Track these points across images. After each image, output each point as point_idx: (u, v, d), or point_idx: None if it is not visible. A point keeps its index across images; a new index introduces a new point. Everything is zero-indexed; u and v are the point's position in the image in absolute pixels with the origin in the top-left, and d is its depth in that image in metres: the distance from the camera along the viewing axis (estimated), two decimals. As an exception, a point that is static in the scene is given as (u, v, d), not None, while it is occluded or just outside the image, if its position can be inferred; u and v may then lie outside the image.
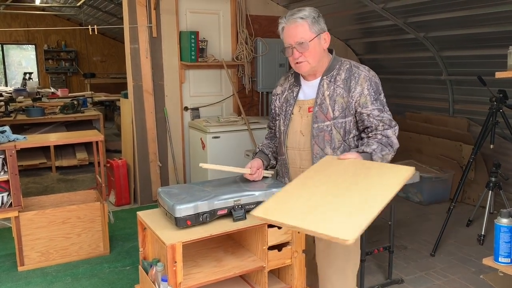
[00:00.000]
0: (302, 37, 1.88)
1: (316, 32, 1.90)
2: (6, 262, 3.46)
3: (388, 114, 1.94)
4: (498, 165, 3.74)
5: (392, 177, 1.61)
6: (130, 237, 3.93)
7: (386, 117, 1.93)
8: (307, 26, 1.88)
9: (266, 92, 5.39)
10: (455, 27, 4.20)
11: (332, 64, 1.98)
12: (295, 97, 2.06)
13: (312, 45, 1.90)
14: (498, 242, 2.00)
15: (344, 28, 5.53)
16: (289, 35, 1.92)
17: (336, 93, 1.93)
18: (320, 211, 1.40)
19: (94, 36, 12.03)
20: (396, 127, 1.96)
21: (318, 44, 1.92)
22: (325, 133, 1.94)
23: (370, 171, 1.68)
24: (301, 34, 1.88)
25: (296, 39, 1.89)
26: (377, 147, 1.89)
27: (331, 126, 1.93)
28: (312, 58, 1.92)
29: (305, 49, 1.89)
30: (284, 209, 1.47)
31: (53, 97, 8.57)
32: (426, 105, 5.43)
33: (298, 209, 1.45)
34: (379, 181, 1.58)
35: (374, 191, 1.50)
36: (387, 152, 1.92)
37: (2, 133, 3.20)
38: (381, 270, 3.31)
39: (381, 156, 1.89)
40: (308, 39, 1.89)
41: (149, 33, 4.65)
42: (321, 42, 1.93)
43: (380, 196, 1.45)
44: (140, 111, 4.75)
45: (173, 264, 1.73)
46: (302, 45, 1.88)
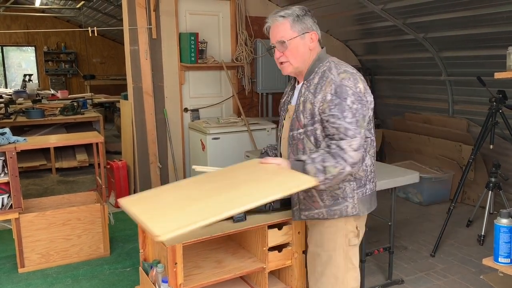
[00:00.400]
0: (282, 36, 1.81)
1: (299, 31, 1.81)
2: (6, 264, 3.46)
3: (347, 123, 1.70)
4: (498, 165, 3.74)
5: (280, 185, 1.58)
6: (130, 238, 3.93)
7: (342, 126, 1.70)
8: (288, 24, 1.80)
9: (266, 93, 5.40)
10: (454, 28, 4.21)
11: (312, 67, 1.85)
12: (288, 102, 1.99)
13: (293, 45, 1.81)
14: (498, 242, 2.00)
15: (344, 29, 5.54)
16: (272, 35, 1.85)
17: (306, 100, 1.81)
18: (166, 209, 1.52)
19: (94, 37, 12.06)
20: (355, 139, 1.70)
21: (302, 44, 1.82)
22: (298, 141, 1.85)
23: (271, 177, 1.65)
24: (281, 33, 1.81)
25: (276, 38, 1.82)
26: (318, 157, 1.70)
27: (303, 134, 1.82)
28: (294, 58, 1.83)
29: (284, 48, 1.81)
30: (143, 203, 1.60)
31: (53, 99, 8.58)
32: (425, 106, 5.44)
33: (153, 204, 1.57)
34: (263, 188, 1.59)
35: (245, 197, 1.51)
36: (332, 164, 1.68)
37: (2, 135, 3.20)
38: (381, 271, 3.31)
39: (320, 168, 1.68)
40: (288, 38, 1.80)
41: (149, 34, 4.65)
42: (306, 41, 1.83)
43: (240, 203, 1.46)
44: (140, 113, 4.76)
45: (174, 265, 1.74)
46: (282, 44, 1.81)
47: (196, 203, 1.52)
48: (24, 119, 6.13)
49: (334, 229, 1.87)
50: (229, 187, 1.64)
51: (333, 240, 1.87)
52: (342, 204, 1.83)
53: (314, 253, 1.93)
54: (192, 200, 1.56)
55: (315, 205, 1.86)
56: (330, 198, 1.83)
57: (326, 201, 1.83)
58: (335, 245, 1.88)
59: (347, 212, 1.84)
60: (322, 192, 1.83)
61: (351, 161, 1.69)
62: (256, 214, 1.99)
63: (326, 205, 1.84)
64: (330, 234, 1.88)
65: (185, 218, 1.39)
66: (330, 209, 1.84)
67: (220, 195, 1.55)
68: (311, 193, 1.86)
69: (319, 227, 1.91)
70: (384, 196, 3.09)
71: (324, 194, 1.83)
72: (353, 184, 1.83)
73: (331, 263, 1.88)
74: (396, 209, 3.12)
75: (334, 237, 1.87)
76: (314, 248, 1.93)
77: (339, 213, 1.84)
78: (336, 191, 1.83)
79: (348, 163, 1.69)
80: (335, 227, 1.87)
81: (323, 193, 1.83)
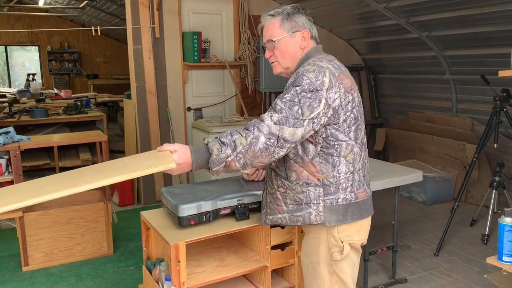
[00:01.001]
0: (271, 35, 1.75)
1: (288, 29, 1.74)
2: (10, 262, 3.48)
3: (282, 102, 1.59)
4: (502, 164, 3.73)
5: (139, 166, 1.51)
6: (133, 237, 3.94)
7: (276, 102, 1.61)
8: (278, 23, 1.74)
9: (269, 92, 5.40)
10: (458, 26, 4.19)
11: (297, 67, 1.75)
12: None
13: (282, 44, 1.74)
14: (502, 241, 1.99)
15: (347, 27, 5.53)
16: (263, 34, 1.81)
17: None
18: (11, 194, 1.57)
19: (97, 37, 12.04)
20: (282, 114, 1.57)
21: (292, 43, 1.75)
22: None
23: (139, 163, 1.59)
24: (270, 32, 1.76)
25: (267, 37, 1.77)
26: (226, 133, 1.60)
27: None
28: (282, 58, 1.76)
29: (273, 47, 1.75)
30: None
31: (56, 98, 8.59)
32: (429, 105, 5.42)
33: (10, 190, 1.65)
34: (112, 171, 1.53)
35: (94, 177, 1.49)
36: (243, 135, 1.55)
37: (6, 134, 3.21)
38: (385, 270, 3.31)
39: (227, 142, 1.56)
40: (277, 36, 1.74)
41: (152, 33, 4.66)
42: (296, 40, 1.75)
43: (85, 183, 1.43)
44: (143, 112, 4.77)
45: (177, 263, 1.74)
46: (271, 43, 1.76)
47: (47, 186, 1.55)
48: (27, 118, 6.14)
49: (317, 241, 1.76)
50: (91, 174, 1.61)
51: (317, 252, 1.77)
52: (305, 210, 1.70)
53: (303, 262, 1.87)
54: (48, 185, 1.59)
55: (279, 209, 1.77)
56: (293, 203, 1.72)
57: (290, 206, 1.73)
58: (319, 258, 1.77)
59: (310, 220, 1.70)
60: (285, 195, 1.74)
61: (266, 130, 1.55)
62: (259, 212, 1.99)
63: (289, 209, 1.74)
64: (313, 245, 1.78)
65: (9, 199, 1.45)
66: (292, 214, 1.73)
67: (66, 181, 1.56)
68: (276, 196, 1.77)
69: (306, 236, 1.84)
70: (388, 195, 3.09)
71: (288, 197, 1.73)
72: (319, 189, 1.69)
73: (316, 275, 1.79)
74: (399, 208, 3.11)
75: (317, 249, 1.77)
76: (303, 257, 1.87)
77: (301, 220, 1.72)
78: (299, 195, 1.71)
79: (262, 132, 1.55)
80: (317, 238, 1.76)
81: (286, 196, 1.74)
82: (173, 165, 1.47)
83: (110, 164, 1.74)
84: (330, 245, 1.74)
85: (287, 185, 1.72)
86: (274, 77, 5.24)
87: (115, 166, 1.64)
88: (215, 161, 1.55)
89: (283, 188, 1.74)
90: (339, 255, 1.74)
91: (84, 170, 1.71)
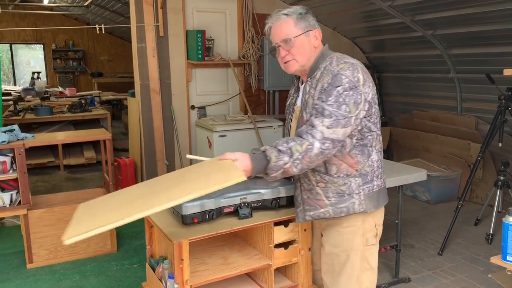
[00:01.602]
0: (287, 34, 1.79)
1: (303, 28, 1.80)
2: (15, 260, 3.50)
3: (327, 104, 1.67)
4: (507, 163, 3.71)
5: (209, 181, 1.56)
6: (137, 235, 3.95)
7: (321, 106, 1.68)
8: (292, 22, 1.79)
9: (273, 90, 5.39)
10: (463, 25, 4.17)
11: (316, 64, 1.82)
12: (294, 104, 1.98)
13: (299, 42, 1.79)
14: (506, 241, 1.98)
15: (351, 26, 5.51)
16: (274, 34, 1.83)
17: (310, 95, 1.79)
18: (91, 214, 1.63)
19: (102, 35, 12.09)
20: (332, 118, 1.64)
21: (307, 41, 1.81)
22: None
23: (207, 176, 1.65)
24: (285, 31, 1.79)
25: (281, 37, 1.80)
26: (280, 141, 1.67)
27: None
28: (300, 55, 1.81)
29: (290, 46, 1.79)
30: (85, 209, 1.72)
31: (61, 96, 8.62)
32: (434, 104, 5.40)
33: (88, 209, 1.69)
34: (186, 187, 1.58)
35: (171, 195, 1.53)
36: (298, 143, 1.63)
37: (11, 132, 3.23)
38: (388, 269, 3.30)
39: (283, 150, 1.63)
40: (293, 35, 1.79)
41: (156, 32, 4.66)
42: (310, 39, 1.82)
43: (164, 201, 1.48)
44: (147, 110, 4.77)
45: (180, 261, 1.74)
46: (288, 42, 1.79)
47: (123, 206, 1.60)
48: (32, 116, 6.17)
49: (352, 229, 1.84)
50: (162, 189, 1.66)
51: (351, 240, 1.85)
52: (349, 201, 1.78)
53: (332, 253, 1.90)
54: (126, 203, 1.63)
55: (320, 203, 1.82)
56: (335, 195, 1.79)
57: (332, 199, 1.79)
58: (353, 245, 1.85)
59: (354, 210, 1.79)
60: (326, 189, 1.80)
61: (319, 136, 1.63)
62: (262, 210, 1.99)
63: (332, 203, 1.80)
64: (348, 234, 1.85)
65: (92, 223, 1.47)
66: (336, 207, 1.80)
67: (142, 199, 1.61)
68: (315, 192, 1.82)
69: (336, 227, 1.88)
70: (392, 194, 3.06)
71: (330, 191, 1.79)
72: (359, 179, 1.79)
73: (348, 263, 1.86)
74: (403, 207, 3.10)
75: (352, 237, 1.85)
76: (331, 248, 1.90)
77: (346, 211, 1.79)
78: (341, 187, 1.78)
79: (316, 138, 1.62)
80: (353, 226, 1.84)
81: (328, 190, 1.80)
82: (243, 178, 1.53)
83: (181, 174, 1.82)
84: (365, 231, 1.86)
85: (328, 179, 1.79)
86: (278, 76, 5.23)
87: (187, 178, 1.72)
88: (273, 168, 1.63)
89: (323, 183, 1.80)
90: (374, 239, 1.89)
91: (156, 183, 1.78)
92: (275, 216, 1.97)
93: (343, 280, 1.88)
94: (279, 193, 2.00)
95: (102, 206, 1.69)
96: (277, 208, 2.03)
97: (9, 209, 3.24)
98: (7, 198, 3.22)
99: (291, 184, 2.02)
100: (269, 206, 1.99)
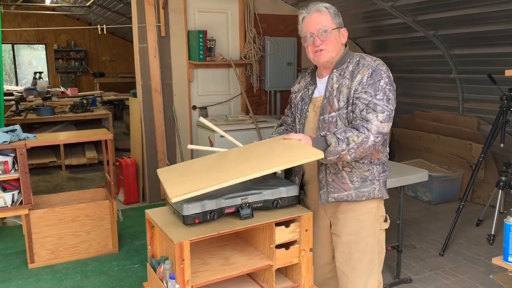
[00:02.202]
0: (325, 25, 1.91)
1: (337, 24, 1.95)
2: (16, 260, 3.50)
3: (377, 99, 1.82)
4: (508, 164, 3.70)
5: (286, 157, 1.69)
6: (138, 235, 3.95)
7: (372, 101, 1.82)
8: (330, 16, 1.93)
9: (274, 91, 5.39)
10: (464, 25, 4.17)
11: (344, 58, 1.98)
12: (310, 96, 2.06)
13: (334, 35, 1.93)
14: (508, 242, 1.98)
15: (353, 26, 5.50)
16: (311, 23, 1.94)
17: (343, 85, 1.92)
18: (185, 176, 1.84)
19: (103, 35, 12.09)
20: (384, 113, 1.80)
21: (338, 36, 1.96)
22: (330, 124, 1.93)
23: (282, 151, 1.79)
24: (324, 22, 1.92)
25: (319, 26, 1.92)
26: (339, 129, 1.82)
27: (337, 117, 1.91)
28: (333, 47, 1.94)
29: (327, 37, 1.91)
30: (170, 172, 1.94)
31: (63, 96, 8.65)
32: (435, 104, 5.39)
33: (177, 172, 1.91)
34: (269, 160, 1.73)
35: (255, 167, 1.68)
36: (355, 134, 1.77)
37: (13, 132, 3.23)
38: (390, 270, 3.30)
39: (341, 138, 1.77)
40: (331, 27, 1.93)
41: (158, 32, 4.67)
42: (340, 35, 1.97)
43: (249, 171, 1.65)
44: (149, 110, 4.78)
45: (181, 262, 1.74)
46: (325, 32, 1.91)
47: (210, 172, 1.77)
48: (34, 116, 6.19)
49: (367, 216, 1.97)
50: (243, 160, 1.83)
51: (367, 226, 1.98)
52: (370, 186, 1.93)
53: (351, 241, 2.00)
54: (208, 170, 1.82)
55: (345, 186, 1.94)
56: (359, 180, 1.93)
57: (356, 183, 1.93)
58: (369, 231, 1.99)
59: (374, 194, 1.94)
60: (352, 174, 1.92)
61: (375, 130, 1.78)
62: (263, 211, 1.99)
63: (355, 187, 1.93)
64: (363, 221, 1.98)
65: (195, 184, 1.64)
66: (359, 190, 1.93)
67: (231, 167, 1.77)
68: (341, 175, 1.94)
69: (353, 214, 1.99)
70: (393, 194, 3.06)
71: (354, 175, 1.93)
72: (379, 167, 1.96)
73: (367, 249, 1.99)
74: (404, 208, 3.10)
75: (367, 224, 1.98)
76: (349, 236, 2.00)
77: (367, 195, 1.93)
78: (365, 172, 1.93)
79: (371, 132, 1.78)
80: (368, 213, 1.97)
81: (353, 174, 1.92)
82: (322, 155, 1.68)
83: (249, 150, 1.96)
84: (378, 216, 2.01)
85: (354, 164, 1.92)
86: (279, 76, 5.23)
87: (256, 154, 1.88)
88: (331, 151, 1.78)
89: (349, 168, 1.93)
90: (385, 224, 2.05)
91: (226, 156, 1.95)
92: (276, 217, 1.96)
93: (363, 266, 2.01)
94: (280, 193, 2.00)
95: (185, 172, 1.89)
96: (278, 209, 2.03)
97: (11, 209, 3.25)
98: (9, 198, 3.23)
99: (292, 185, 2.03)
100: (270, 206, 1.99)
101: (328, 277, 2.21)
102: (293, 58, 5.30)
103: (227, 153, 2.00)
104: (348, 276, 2.05)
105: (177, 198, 1.58)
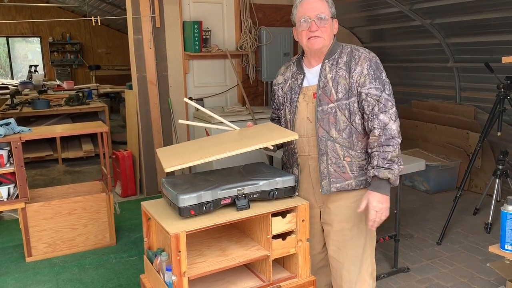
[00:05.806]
0: (323, 12, 1.92)
1: (333, 14, 1.97)
2: (14, 253, 3.50)
3: (387, 94, 1.90)
4: (506, 152, 3.70)
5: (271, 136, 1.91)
6: (136, 227, 3.95)
7: (383, 97, 1.89)
8: (327, 4, 1.95)
9: (271, 81, 5.36)
10: (461, 13, 4.14)
11: (334, 48, 1.98)
12: (299, 85, 2.04)
13: (329, 23, 1.94)
14: (505, 230, 1.98)
15: (349, 15, 5.47)
16: (308, 8, 1.93)
17: (339, 75, 1.93)
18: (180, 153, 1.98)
19: (99, 28, 12.03)
20: (393, 109, 1.91)
21: (332, 25, 1.97)
22: (329, 115, 1.94)
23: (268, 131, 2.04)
24: (321, 9, 1.92)
25: (317, 12, 1.91)
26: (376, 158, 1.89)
27: (335, 108, 1.93)
28: (328, 35, 1.94)
29: (324, 23, 1.91)
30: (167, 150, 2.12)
31: (58, 90, 8.60)
32: (432, 93, 5.38)
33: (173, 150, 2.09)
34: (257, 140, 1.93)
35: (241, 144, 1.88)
36: (390, 151, 1.88)
37: (7, 125, 3.21)
38: (387, 259, 3.31)
39: (387, 165, 1.88)
40: (328, 15, 1.93)
41: (153, 23, 4.63)
42: (333, 25, 1.98)
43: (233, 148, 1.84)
44: (145, 102, 4.75)
45: (177, 253, 1.74)
46: (323, 19, 1.91)
47: (203, 149, 1.94)
48: (30, 109, 6.15)
49: (359, 202, 1.99)
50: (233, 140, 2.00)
51: (361, 211, 1.98)
52: (367, 174, 1.97)
53: (344, 229, 2.04)
54: (202, 148, 1.98)
55: (346, 176, 1.98)
56: (358, 169, 1.98)
57: (355, 172, 1.98)
58: (360, 217, 2.02)
59: (369, 183, 1.98)
60: (351, 163, 1.97)
61: (397, 134, 1.91)
62: (260, 202, 1.98)
63: (355, 175, 1.98)
64: (355, 208, 2.00)
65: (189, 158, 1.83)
66: (358, 179, 1.99)
67: (223, 145, 1.94)
68: (342, 165, 1.97)
69: (344, 202, 2.02)
70: (390, 184, 3.07)
71: (354, 165, 1.97)
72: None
73: (359, 235, 2.04)
74: (402, 197, 3.10)
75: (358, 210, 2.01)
76: (342, 224, 2.04)
77: (364, 183, 1.99)
78: (362, 161, 1.98)
79: (396, 136, 1.90)
80: (359, 201, 1.99)
81: (352, 164, 1.97)
82: (296, 136, 1.91)
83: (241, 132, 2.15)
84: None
85: (353, 154, 1.97)
86: (276, 67, 5.20)
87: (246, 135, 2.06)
88: (394, 181, 1.90)
89: (349, 158, 1.97)
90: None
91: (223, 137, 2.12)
92: (273, 207, 1.96)
93: (357, 252, 2.05)
94: (276, 184, 1.99)
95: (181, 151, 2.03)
96: (274, 199, 2.02)
97: (7, 203, 3.23)
98: (5, 191, 3.21)
99: (288, 175, 2.02)
100: (267, 197, 1.98)
101: (320, 266, 2.24)
102: (289, 48, 5.26)
103: (221, 135, 2.15)
104: (343, 263, 2.06)
105: (171, 168, 1.75)
